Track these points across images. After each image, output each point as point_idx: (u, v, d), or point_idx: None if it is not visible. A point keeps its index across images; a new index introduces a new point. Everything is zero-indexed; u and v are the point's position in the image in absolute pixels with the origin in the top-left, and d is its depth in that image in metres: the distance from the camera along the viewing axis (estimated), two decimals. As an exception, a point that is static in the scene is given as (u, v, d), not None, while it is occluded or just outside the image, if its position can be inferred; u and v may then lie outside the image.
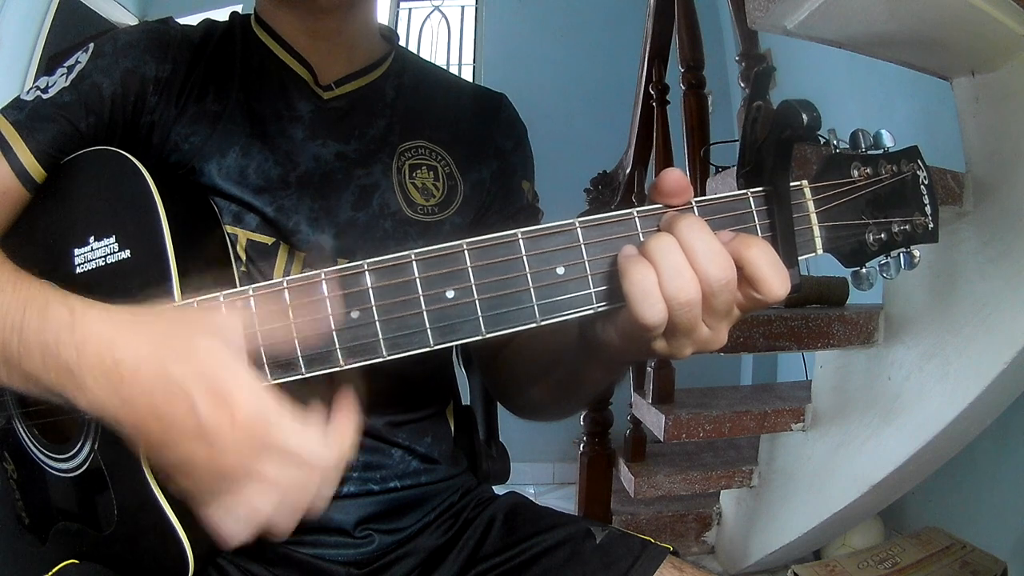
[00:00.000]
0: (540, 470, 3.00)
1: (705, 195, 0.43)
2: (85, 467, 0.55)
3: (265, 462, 0.40)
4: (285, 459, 0.40)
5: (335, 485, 0.44)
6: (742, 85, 1.66)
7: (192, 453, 0.40)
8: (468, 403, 0.89)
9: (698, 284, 0.39)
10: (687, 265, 0.39)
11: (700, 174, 1.60)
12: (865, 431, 1.47)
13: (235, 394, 0.39)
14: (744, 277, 0.40)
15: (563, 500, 2.71)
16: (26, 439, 0.60)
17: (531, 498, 0.75)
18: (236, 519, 0.41)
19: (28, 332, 0.43)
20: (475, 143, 0.74)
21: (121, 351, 0.41)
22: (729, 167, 1.55)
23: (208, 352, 0.40)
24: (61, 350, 0.42)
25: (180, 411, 0.39)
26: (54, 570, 0.56)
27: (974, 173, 1.24)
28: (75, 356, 0.41)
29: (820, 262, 0.47)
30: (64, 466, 0.57)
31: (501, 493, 0.77)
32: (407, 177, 0.69)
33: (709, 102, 1.75)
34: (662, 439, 1.59)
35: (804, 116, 0.40)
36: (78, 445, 0.55)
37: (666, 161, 1.81)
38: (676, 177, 0.42)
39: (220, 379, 0.39)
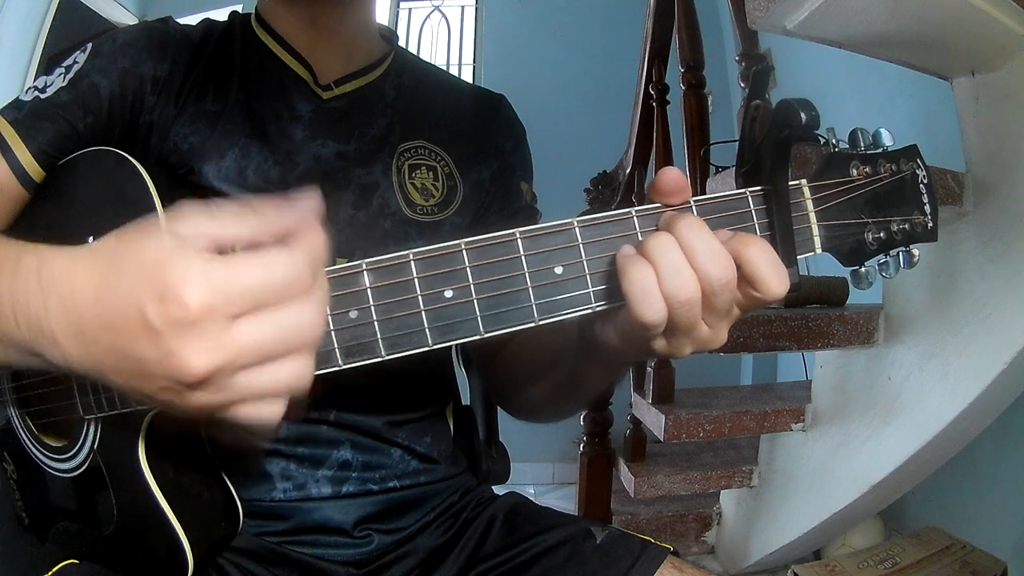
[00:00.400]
0: (540, 470, 3.00)
1: (705, 195, 0.43)
2: (85, 467, 0.55)
3: (242, 333, 0.34)
4: (261, 311, 0.34)
5: (326, 297, 0.37)
6: (742, 85, 1.66)
7: (165, 373, 0.34)
8: (468, 403, 0.89)
9: (697, 282, 0.39)
10: (686, 264, 0.39)
11: (700, 174, 1.60)
12: (865, 431, 1.47)
13: (179, 284, 0.33)
14: (743, 276, 0.40)
15: (563, 500, 2.71)
16: (26, 439, 0.60)
17: (531, 498, 0.75)
18: (261, 407, 0.36)
19: (2, 290, 0.40)
20: (474, 144, 0.74)
21: (79, 282, 0.36)
22: (729, 167, 1.55)
23: (149, 250, 0.34)
24: (31, 299, 0.38)
25: (133, 326, 0.34)
26: (54, 570, 0.56)
27: (974, 173, 1.24)
28: (42, 303, 0.37)
29: (820, 262, 0.47)
30: (64, 466, 0.57)
31: (501, 493, 0.77)
32: (407, 177, 0.69)
33: (709, 102, 1.75)
34: (662, 439, 1.59)
35: (803, 115, 0.40)
36: (78, 445, 0.55)
37: (666, 161, 1.81)
38: (674, 176, 0.42)
39: (162, 274, 0.33)
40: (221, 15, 0.72)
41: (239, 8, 0.74)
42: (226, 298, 0.33)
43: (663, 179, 0.42)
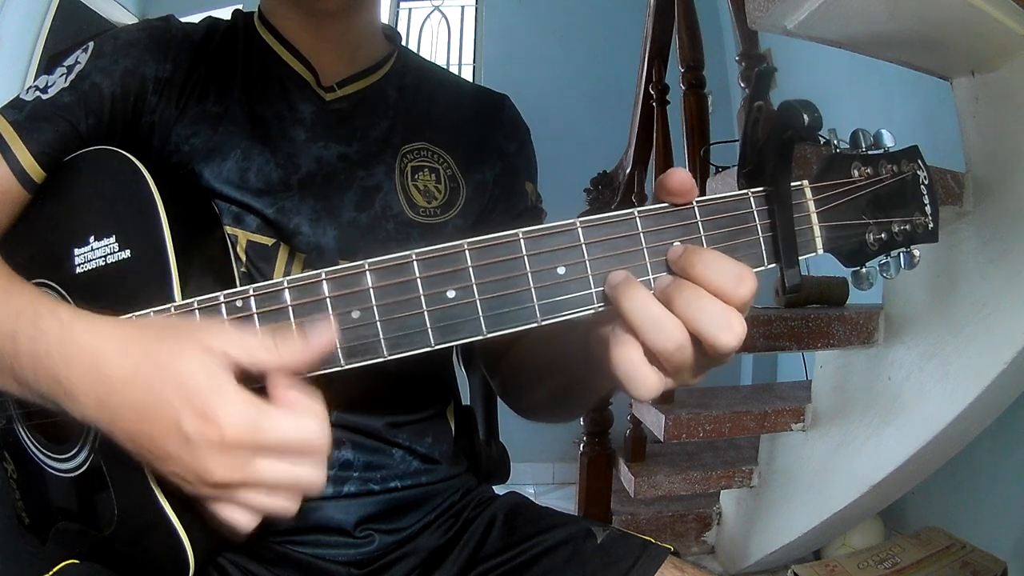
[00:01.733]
0: (540, 470, 3.00)
1: (705, 195, 0.43)
2: (85, 467, 0.55)
3: (260, 466, 0.40)
4: (283, 455, 0.40)
5: (329, 456, 0.43)
6: (742, 85, 1.66)
7: (185, 467, 0.40)
8: (468, 403, 0.89)
9: (684, 329, 0.39)
10: (667, 314, 0.39)
11: (700, 174, 1.60)
12: (865, 431, 1.47)
13: (219, 412, 0.39)
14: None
15: (563, 500, 2.71)
16: (26, 439, 0.60)
17: (531, 498, 0.75)
18: (240, 514, 0.42)
19: (20, 342, 0.44)
20: (477, 145, 0.74)
21: (108, 366, 0.41)
22: (729, 167, 1.55)
23: (191, 368, 0.40)
24: (51, 362, 0.42)
25: (167, 427, 0.39)
26: (54, 570, 0.56)
27: (974, 173, 1.24)
28: (64, 369, 0.42)
29: (820, 262, 0.47)
30: (64, 466, 0.57)
31: (501, 493, 0.77)
32: (409, 179, 0.69)
33: (709, 102, 1.75)
34: (662, 439, 1.59)
35: (805, 116, 0.40)
36: (78, 445, 0.55)
37: (666, 161, 1.82)
38: (682, 177, 0.41)
39: (204, 397, 0.39)
40: (223, 14, 0.71)
41: (240, 7, 0.74)
42: (257, 438, 0.39)
43: (671, 178, 0.42)
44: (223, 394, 0.39)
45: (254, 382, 0.42)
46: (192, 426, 0.39)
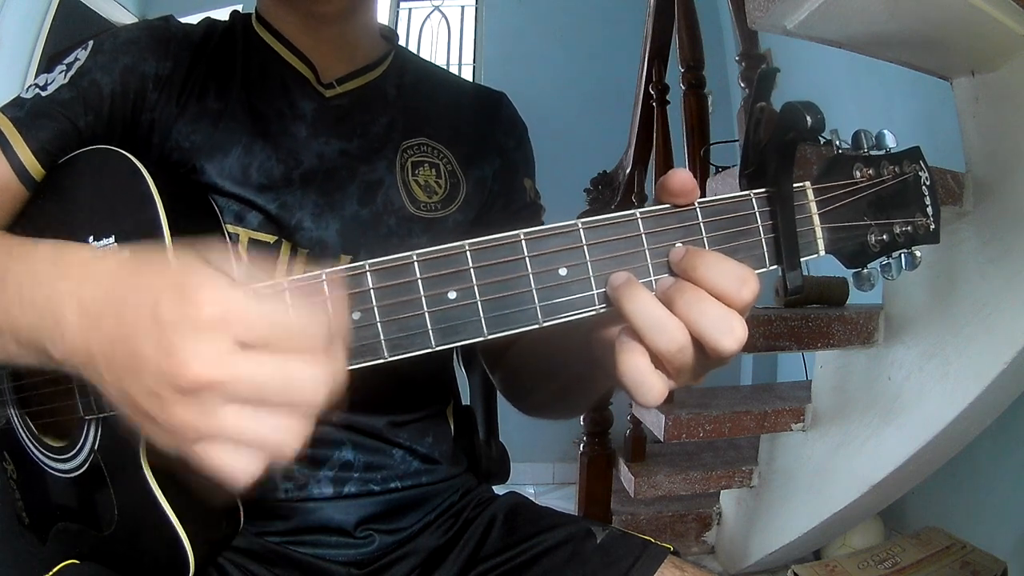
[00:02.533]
0: (540, 470, 3.00)
1: (705, 195, 0.43)
2: (85, 467, 0.55)
3: (244, 360, 0.33)
4: (269, 350, 0.34)
5: (339, 371, 0.36)
6: (742, 85, 1.66)
7: (158, 371, 0.33)
8: (468, 403, 0.89)
9: (685, 330, 0.39)
10: (668, 315, 0.39)
11: (700, 174, 1.60)
12: (865, 431, 1.47)
13: (201, 289, 0.33)
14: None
15: (563, 500, 2.71)
16: (26, 439, 0.60)
17: (531, 498, 0.75)
18: (237, 455, 0.34)
19: (10, 274, 0.41)
20: (476, 141, 0.74)
21: (97, 268, 0.38)
22: (729, 167, 1.55)
23: (180, 261, 0.36)
24: (41, 280, 0.40)
25: (142, 315, 0.34)
26: (54, 570, 0.56)
27: (974, 173, 1.24)
28: (53, 284, 0.39)
29: (820, 261, 0.47)
30: (64, 466, 0.57)
31: (501, 493, 0.77)
32: (410, 174, 0.69)
33: (709, 102, 1.75)
34: (662, 439, 1.59)
35: (808, 118, 0.40)
36: (78, 445, 0.55)
37: (666, 161, 1.81)
38: (683, 178, 0.41)
39: (187, 277, 0.34)
40: (221, 15, 0.72)
41: (239, 8, 0.74)
42: (240, 318, 0.33)
43: (673, 179, 0.41)
44: (207, 276, 0.34)
45: None
46: (168, 305, 0.33)
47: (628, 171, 2.11)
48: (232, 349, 0.33)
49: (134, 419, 0.36)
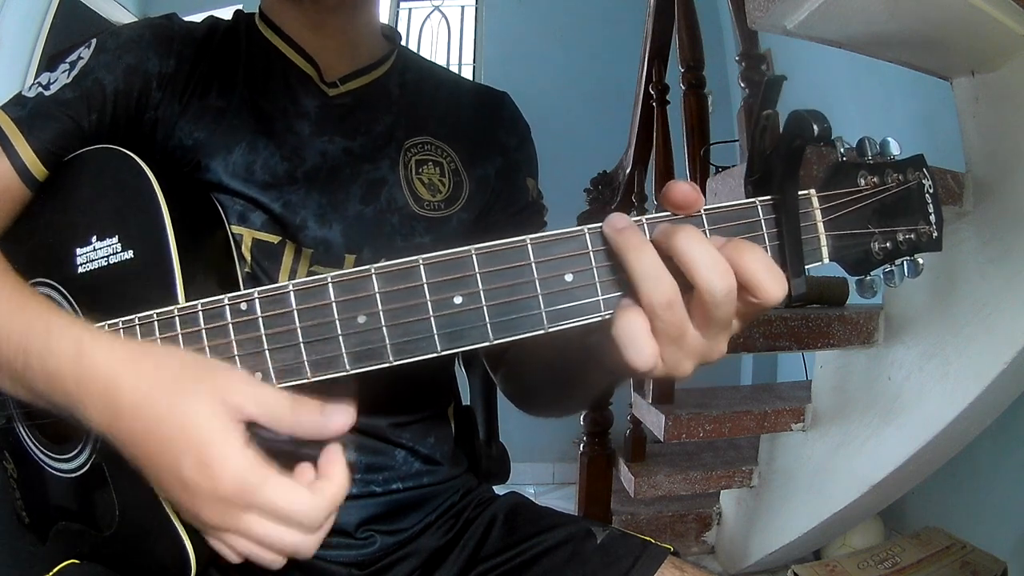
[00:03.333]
0: (540, 470, 3.00)
1: (704, 195, 0.43)
2: (86, 468, 0.55)
3: (249, 521, 0.41)
4: (272, 519, 0.41)
5: (324, 535, 0.44)
6: (742, 85, 1.66)
7: (178, 501, 0.42)
8: (468, 403, 0.89)
9: (676, 286, 0.39)
10: (663, 268, 0.39)
11: (700, 174, 1.60)
12: (865, 431, 1.47)
13: (218, 465, 0.39)
14: (741, 284, 0.39)
15: (563, 500, 2.71)
16: (26, 439, 0.60)
17: (531, 498, 0.75)
18: (228, 551, 0.43)
19: (32, 356, 0.44)
20: (479, 140, 0.74)
21: (120, 391, 0.41)
22: (729, 167, 1.55)
23: (202, 415, 0.40)
24: (64, 381, 0.43)
25: (167, 466, 0.41)
26: (54, 570, 0.56)
27: (974, 173, 1.24)
28: (76, 388, 0.42)
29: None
30: (65, 466, 0.57)
31: (501, 493, 0.77)
32: (413, 173, 0.69)
33: (709, 102, 1.75)
34: (662, 439, 1.59)
35: (815, 127, 0.40)
36: (79, 446, 0.55)
37: (666, 161, 1.81)
38: (683, 190, 0.41)
39: (207, 447, 0.40)
40: (224, 14, 0.72)
41: (241, 7, 0.74)
42: (252, 499, 0.40)
43: (674, 193, 0.41)
44: (227, 447, 0.40)
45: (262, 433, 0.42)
46: (191, 473, 0.40)
47: (628, 171, 2.11)
48: (239, 513, 0.41)
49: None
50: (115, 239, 0.52)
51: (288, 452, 0.43)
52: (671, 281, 0.39)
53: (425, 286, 0.40)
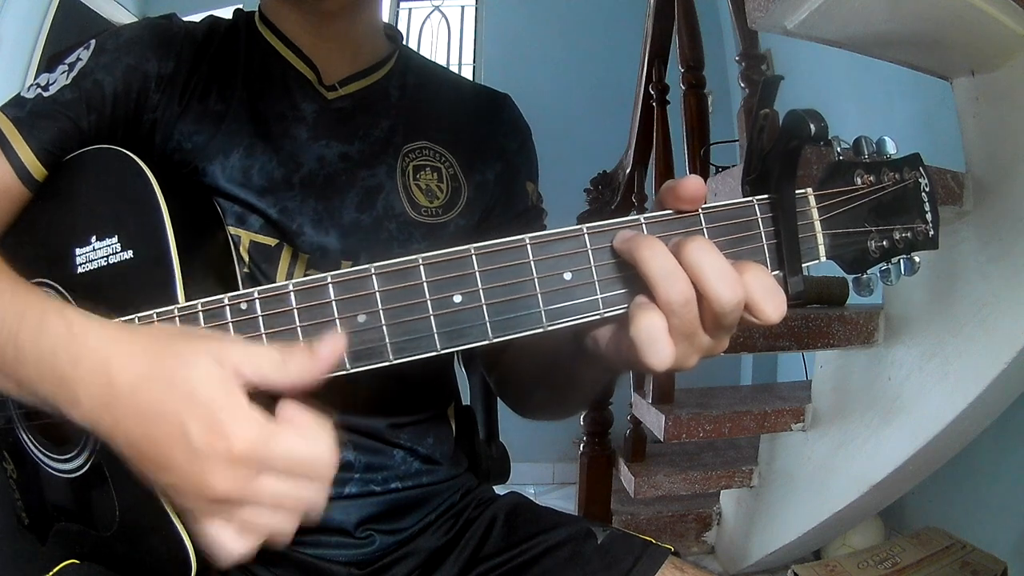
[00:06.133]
0: (540, 470, 3.00)
1: (713, 203, 0.43)
2: (86, 468, 0.55)
3: (264, 483, 0.39)
4: (286, 473, 0.39)
5: (331, 479, 0.42)
6: (742, 85, 1.66)
7: (185, 478, 0.39)
8: (468, 403, 0.89)
9: (691, 285, 0.39)
10: (679, 269, 0.39)
11: (700, 174, 1.60)
12: (865, 431, 1.47)
13: (230, 425, 0.38)
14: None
15: (563, 500, 2.71)
16: (26, 439, 0.60)
17: (531, 498, 0.75)
18: (235, 535, 0.40)
19: (24, 341, 0.43)
20: (478, 144, 0.74)
21: (116, 371, 0.40)
22: (729, 167, 1.55)
23: (203, 378, 0.39)
24: (56, 362, 0.41)
25: (173, 436, 0.38)
26: (54, 570, 0.56)
27: (974, 173, 1.24)
28: (70, 370, 0.41)
29: (819, 262, 0.47)
30: (65, 467, 0.57)
31: (501, 493, 0.77)
32: (411, 179, 0.69)
33: (709, 102, 1.75)
34: (662, 439, 1.59)
35: (812, 126, 0.40)
36: (79, 446, 0.55)
37: (666, 161, 1.81)
38: (697, 185, 0.41)
39: (215, 409, 0.38)
40: (224, 13, 0.71)
41: (241, 6, 0.74)
42: (266, 455, 0.38)
43: (687, 186, 0.41)
44: (234, 408, 0.38)
45: (261, 398, 0.41)
46: (200, 437, 0.38)
47: (628, 171, 2.11)
48: (253, 475, 0.39)
49: (148, 482, 0.42)
50: (114, 239, 0.52)
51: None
52: (687, 279, 0.39)
53: (424, 285, 0.41)
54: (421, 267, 0.41)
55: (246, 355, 0.40)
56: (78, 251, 0.54)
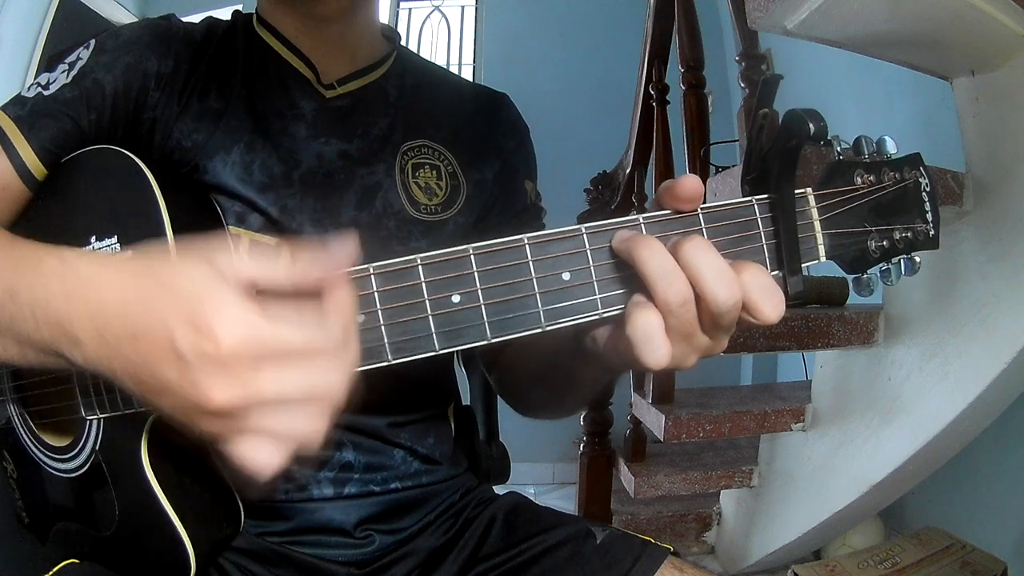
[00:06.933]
0: (540, 470, 3.00)
1: (704, 195, 0.43)
2: (86, 467, 0.55)
3: (264, 379, 0.34)
4: (289, 363, 0.35)
5: (354, 362, 0.38)
6: (742, 85, 1.66)
7: (182, 395, 0.35)
8: (468, 403, 0.89)
9: (689, 285, 0.39)
10: (677, 267, 0.39)
11: (700, 174, 1.60)
12: (865, 431, 1.47)
13: (215, 320, 0.34)
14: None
15: (563, 500, 2.71)
16: (26, 439, 0.60)
17: (531, 498, 0.75)
18: (259, 448, 0.36)
19: (20, 290, 0.41)
20: (477, 143, 0.74)
21: (106, 289, 0.37)
22: (729, 167, 1.55)
23: (188, 278, 0.35)
24: (52, 301, 0.39)
25: (162, 347, 0.35)
26: (54, 570, 0.56)
27: (974, 173, 1.24)
28: (65, 306, 0.38)
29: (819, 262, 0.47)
30: (65, 466, 0.57)
31: (501, 493, 0.77)
32: (410, 176, 0.69)
33: (709, 102, 1.75)
34: (662, 439, 1.60)
35: (811, 126, 0.40)
36: (79, 445, 0.55)
37: (666, 161, 1.81)
38: (694, 185, 0.41)
39: (199, 306, 0.34)
40: (222, 14, 0.72)
41: (239, 7, 0.74)
42: (258, 346, 0.34)
43: (684, 186, 0.41)
44: (220, 303, 0.34)
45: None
46: (186, 341, 0.34)
47: (628, 171, 2.11)
48: (250, 371, 0.34)
49: (167, 418, 0.38)
50: (114, 239, 0.52)
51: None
52: (684, 279, 0.39)
53: (423, 285, 0.41)
54: (419, 267, 0.41)
55: (244, 254, 0.37)
56: (78, 251, 0.54)
